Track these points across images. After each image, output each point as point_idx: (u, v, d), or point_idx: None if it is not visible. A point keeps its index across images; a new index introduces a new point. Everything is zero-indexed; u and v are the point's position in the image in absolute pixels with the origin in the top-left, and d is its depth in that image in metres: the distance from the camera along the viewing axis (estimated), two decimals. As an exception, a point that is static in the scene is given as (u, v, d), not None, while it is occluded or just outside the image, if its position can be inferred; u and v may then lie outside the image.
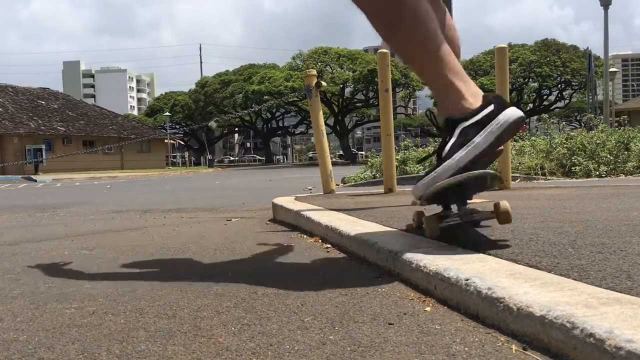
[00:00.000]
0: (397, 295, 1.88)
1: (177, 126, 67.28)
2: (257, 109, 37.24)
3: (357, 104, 59.00)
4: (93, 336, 1.56)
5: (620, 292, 1.38)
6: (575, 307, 1.25)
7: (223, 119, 40.86)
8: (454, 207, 2.16)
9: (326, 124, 8.76)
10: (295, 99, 43.35)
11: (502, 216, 2.11)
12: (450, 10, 4.15)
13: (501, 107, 1.89)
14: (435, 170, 1.97)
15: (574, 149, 9.27)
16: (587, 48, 30.46)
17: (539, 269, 1.69)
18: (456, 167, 1.90)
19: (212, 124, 7.32)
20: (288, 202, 4.68)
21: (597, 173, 8.74)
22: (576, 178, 8.61)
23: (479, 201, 4.03)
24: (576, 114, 70.18)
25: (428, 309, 1.69)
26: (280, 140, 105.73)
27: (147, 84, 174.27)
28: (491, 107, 1.88)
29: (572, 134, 10.13)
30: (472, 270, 1.66)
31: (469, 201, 2.19)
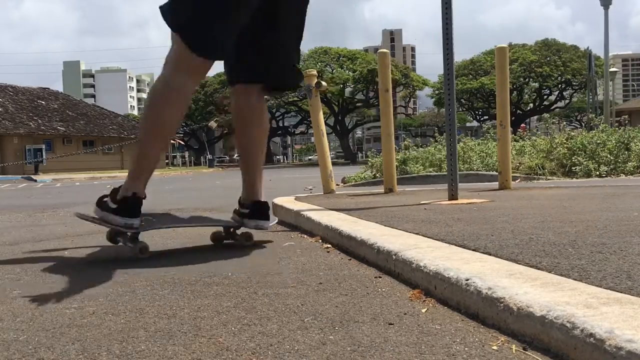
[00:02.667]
0: (397, 295, 1.88)
1: (177, 126, 67.29)
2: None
3: (357, 104, 58.99)
4: (93, 336, 1.56)
5: (621, 292, 1.38)
6: (575, 307, 1.25)
7: (223, 118, 40.85)
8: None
9: (326, 124, 8.75)
10: (296, 98, 43.34)
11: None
12: (450, 10, 4.14)
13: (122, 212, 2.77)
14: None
15: (575, 149, 9.26)
16: (588, 48, 30.46)
17: (539, 269, 1.69)
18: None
19: (212, 124, 7.32)
20: (288, 202, 4.67)
21: (598, 173, 8.73)
22: (576, 178, 8.61)
23: (479, 201, 4.03)
24: (576, 113, 70.16)
25: (428, 309, 1.69)
26: (280, 140, 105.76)
27: (147, 84, 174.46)
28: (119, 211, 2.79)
29: (573, 134, 10.12)
30: (472, 270, 1.66)
31: (466, 200, 2.19)
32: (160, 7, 2.83)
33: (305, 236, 3.44)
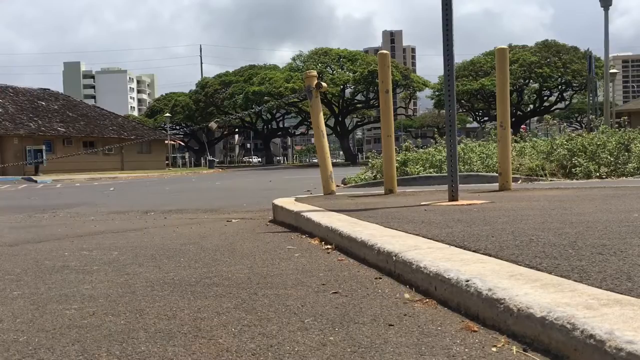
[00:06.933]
0: (397, 296, 1.88)
1: (178, 127, 67.24)
2: (257, 109, 37.13)
3: (358, 105, 59.01)
4: (93, 337, 1.56)
5: (621, 294, 1.38)
6: (575, 308, 1.25)
7: (223, 119, 40.85)
8: None
9: (326, 125, 8.75)
10: (296, 99, 43.36)
11: None
12: (451, 10, 4.14)
13: None
14: None
15: (575, 150, 9.26)
16: (588, 49, 30.51)
17: (539, 270, 1.69)
18: None
19: (212, 124, 7.32)
20: (288, 203, 4.67)
21: (598, 174, 8.73)
22: (577, 179, 8.61)
23: (479, 202, 4.03)
24: (577, 115, 70.18)
25: (428, 310, 1.69)
26: (280, 141, 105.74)
27: (148, 85, 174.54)
28: None
29: (573, 135, 10.12)
30: (472, 272, 1.66)
31: (466, 202, 2.19)
32: None
33: (305, 237, 3.44)
